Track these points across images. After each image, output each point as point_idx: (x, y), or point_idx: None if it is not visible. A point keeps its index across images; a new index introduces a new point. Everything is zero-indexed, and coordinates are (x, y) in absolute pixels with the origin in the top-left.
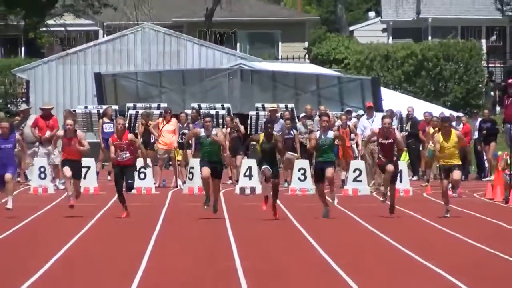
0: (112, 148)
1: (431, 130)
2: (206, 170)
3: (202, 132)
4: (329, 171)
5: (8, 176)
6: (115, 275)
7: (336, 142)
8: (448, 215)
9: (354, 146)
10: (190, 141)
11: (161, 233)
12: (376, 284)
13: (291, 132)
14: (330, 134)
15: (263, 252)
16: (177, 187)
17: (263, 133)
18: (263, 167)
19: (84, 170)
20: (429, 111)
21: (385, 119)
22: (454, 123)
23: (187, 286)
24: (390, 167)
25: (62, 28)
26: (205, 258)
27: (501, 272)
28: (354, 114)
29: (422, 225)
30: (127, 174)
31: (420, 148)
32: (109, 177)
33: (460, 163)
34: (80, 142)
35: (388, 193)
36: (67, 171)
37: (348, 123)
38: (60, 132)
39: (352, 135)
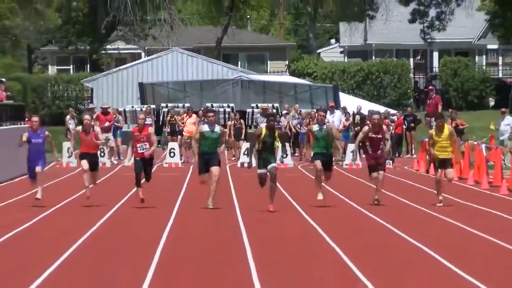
0: (132, 142)
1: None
2: (204, 177)
3: (206, 127)
4: (327, 174)
5: (38, 169)
6: (150, 229)
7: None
8: (441, 204)
9: None
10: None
11: (185, 195)
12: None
13: (279, 123)
14: (325, 127)
15: (259, 210)
16: None
17: (264, 127)
18: (259, 171)
19: (130, 152)
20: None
21: (374, 115)
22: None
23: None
24: (375, 174)
25: (116, 51)
26: (216, 215)
27: (422, 217)
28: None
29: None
30: (147, 168)
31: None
32: None
33: (451, 157)
34: (96, 136)
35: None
36: (85, 164)
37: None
38: (79, 128)
39: None
